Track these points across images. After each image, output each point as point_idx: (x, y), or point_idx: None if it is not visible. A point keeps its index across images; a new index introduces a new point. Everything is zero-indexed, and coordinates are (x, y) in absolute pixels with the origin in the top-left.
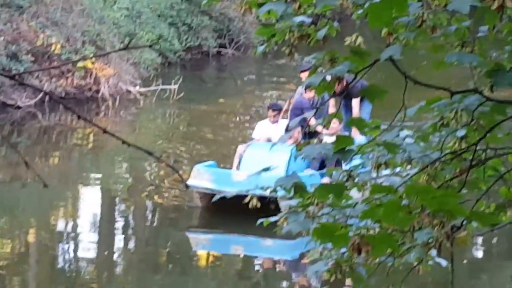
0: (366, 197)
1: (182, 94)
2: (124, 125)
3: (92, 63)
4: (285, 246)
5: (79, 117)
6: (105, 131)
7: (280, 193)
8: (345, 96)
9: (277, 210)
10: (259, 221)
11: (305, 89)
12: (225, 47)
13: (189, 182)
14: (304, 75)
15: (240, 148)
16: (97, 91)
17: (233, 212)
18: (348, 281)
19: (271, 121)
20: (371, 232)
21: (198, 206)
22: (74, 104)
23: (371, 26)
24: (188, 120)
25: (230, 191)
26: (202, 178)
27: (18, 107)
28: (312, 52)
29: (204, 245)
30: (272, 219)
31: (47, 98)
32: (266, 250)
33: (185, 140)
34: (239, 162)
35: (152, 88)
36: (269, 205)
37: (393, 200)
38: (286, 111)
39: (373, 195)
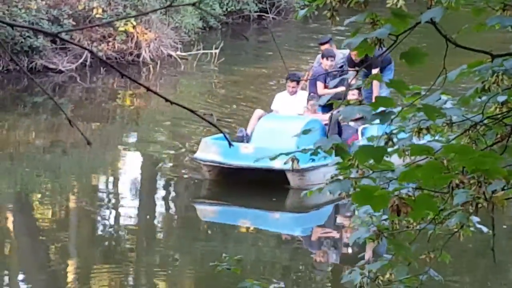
0: (406, 163)
1: (223, 59)
2: (165, 89)
3: (134, 27)
4: (295, 220)
5: (122, 75)
6: (148, 89)
7: (287, 165)
8: (365, 67)
9: (287, 183)
10: (303, 193)
11: (322, 57)
12: (266, 12)
13: (196, 155)
14: (323, 48)
15: (257, 112)
16: (138, 56)
17: (241, 185)
18: (366, 256)
19: (289, 92)
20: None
21: (206, 179)
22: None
23: None
24: (228, 85)
25: (238, 163)
26: (210, 151)
27: (60, 71)
28: (353, 16)
29: (212, 217)
30: (314, 188)
31: (88, 62)
32: (283, 225)
33: (224, 105)
34: (251, 134)
35: (193, 52)
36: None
37: (433, 162)
38: (306, 81)
39: (412, 156)
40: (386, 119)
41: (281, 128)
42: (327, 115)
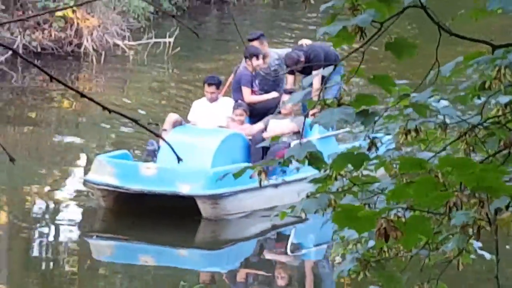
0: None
1: (178, 49)
2: (110, 85)
3: (73, 11)
4: (208, 257)
5: (51, 79)
6: (82, 95)
7: (198, 191)
8: (305, 71)
9: (197, 213)
10: (273, 214)
11: (245, 58)
12: None
13: (88, 177)
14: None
15: (171, 117)
16: (79, 45)
17: (141, 215)
18: None
19: (208, 98)
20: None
21: (101, 207)
22: (52, 61)
23: None
24: (184, 80)
25: (137, 187)
26: (104, 172)
27: None
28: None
29: (107, 255)
30: (288, 210)
31: (20, 52)
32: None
33: (177, 106)
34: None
35: (144, 41)
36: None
37: (426, 177)
38: (231, 85)
39: (402, 172)
40: (369, 121)
41: (192, 144)
42: (258, 127)
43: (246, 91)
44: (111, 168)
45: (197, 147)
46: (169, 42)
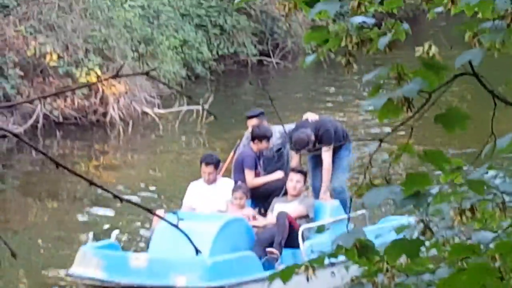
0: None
1: (212, 118)
2: (137, 158)
3: (98, 77)
4: None
5: (57, 166)
6: (91, 183)
7: (195, 283)
8: (313, 147)
9: None
10: None
11: (253, 139)
12: (268, 55)
13: (72, 270)
14: (251, 123)
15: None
16: (105, 114)
17: None
18: None
19: (205, 180)
20: None
21: None
22: (75, 131)
23: None
24: (220, 151)
25: (126, 281)
26: (90, 264)
27: (4, 136)
28: (375, 61)
29: None
30: None
31: (40, 123)
32: None
33: None
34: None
35: (175, 109)
36: None
37: (480, 263)
38: (230, 164)
39: (454, 257)
40: (422, 203)
41: (188, 231)
42: (269, 221)
43: (249, 174)
44: (97, 260)
45: (194, 234)
46: (203, 110)
